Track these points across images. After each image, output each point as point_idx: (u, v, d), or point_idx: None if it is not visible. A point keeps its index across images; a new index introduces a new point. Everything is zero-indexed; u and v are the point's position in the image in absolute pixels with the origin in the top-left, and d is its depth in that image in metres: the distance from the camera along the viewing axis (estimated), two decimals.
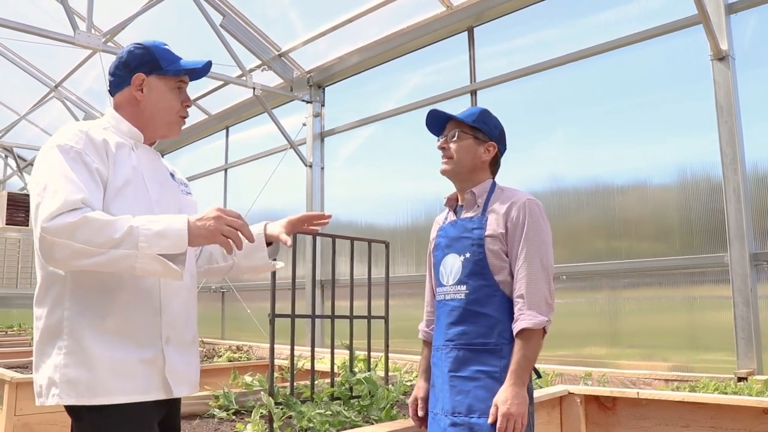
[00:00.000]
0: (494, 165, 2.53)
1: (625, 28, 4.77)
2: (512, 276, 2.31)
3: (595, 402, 3.71)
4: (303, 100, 7.36)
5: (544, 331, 2.25)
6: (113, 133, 1.94)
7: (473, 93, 5.59)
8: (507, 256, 2.33)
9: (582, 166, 4.97)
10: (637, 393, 3.52)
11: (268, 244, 2.25)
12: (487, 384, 2.25)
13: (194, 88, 8.21)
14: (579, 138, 5.03)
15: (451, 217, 2.52)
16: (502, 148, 2.53)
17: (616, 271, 4.64)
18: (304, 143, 7.42)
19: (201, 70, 2.11)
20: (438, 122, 2.53)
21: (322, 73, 7.14)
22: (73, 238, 1.64)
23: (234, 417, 3.53)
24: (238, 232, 1.75)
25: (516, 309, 2.26)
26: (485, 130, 2.46)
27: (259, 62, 7.14)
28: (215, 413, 3.57)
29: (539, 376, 2.59)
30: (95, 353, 1.76)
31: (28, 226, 11.06)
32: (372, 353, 3.51)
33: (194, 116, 8.95)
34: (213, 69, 6.38)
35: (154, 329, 1.87)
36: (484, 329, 2.30)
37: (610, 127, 4.90)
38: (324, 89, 7.38)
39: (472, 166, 2.45)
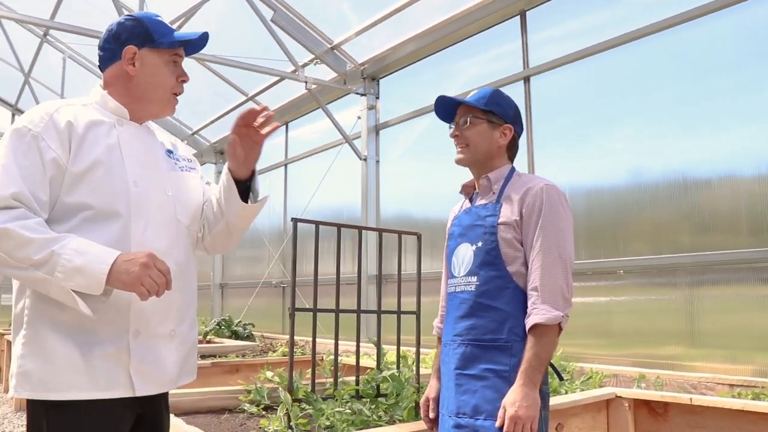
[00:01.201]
0: (512, 149, 2.34)
1: None
2: (527, 267, 2.12)
3: (645, 407, 3.44)
4: (357, 93, 7.26)
5: (559, 327, 2.04)
6: (94, 110, 1.84)
7: (526, 80, 5.33)
8: (522, 246, 2.14)
9: (661, 158, 4.46)
10: (690, 399, 3.23)
11: (241, 182, 1.98)
12: (496, 384, 2.06)
13: (252, 85, 8.28)
14: (655, 126, 4.55)
15: (467, 205, 2.35)
16: (518, 129, 2.33)
17: (700, 264, 4.17)
18: (359, 137, 7.32)
19: (196, 42, 1.97)
20: (448, 109, 2.36)
21: (375, 65, 7.01)
22: None
23: (264, 412, 3.47)
24: (161, 286, 1.64)
25: (529, 303, 2.07)
26: (499, 113, 2.27)
27: (312, 56, 7.09)
28: (245, 408, 3.52)
29: (561, 378, 2.37)
30: (51, 345, 1.67)
31: None
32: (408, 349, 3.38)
33: None
34: (266, 64, 6.43)
35: (119, 322, 1.74)
36: (494, 324, 2.11)
37: (690, 113, 4.37)
38: (378, 81, 7.26)
39: (488, 152, 2.27)
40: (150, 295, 1.62)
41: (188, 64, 6.82)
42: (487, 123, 2.26)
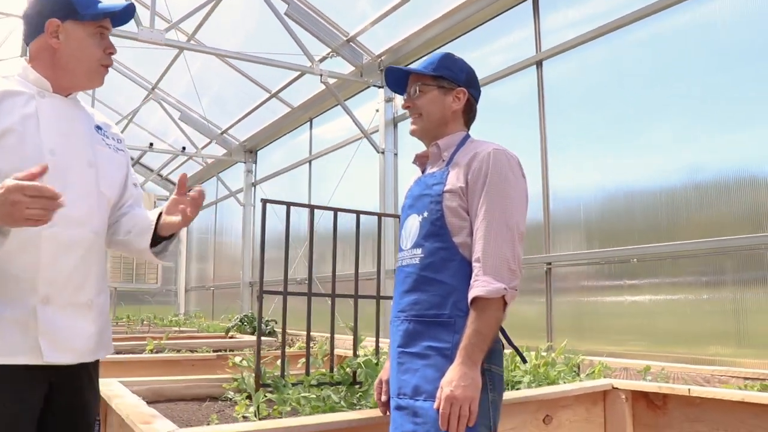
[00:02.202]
0: (468, 113, 2.20)
1: None
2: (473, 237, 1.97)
3: (643, 399, 3.22)
4: (374, 86, 7.16)
5: (504, 301, 1.89)
6: (15, 83, 1.85)
7: (539, 64, 5.13)
8: (468, 215, 1.99)
9: (718, 152, 3.92)
10: (689, 390, 3.01)
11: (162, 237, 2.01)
12: (437, 362, 1.92)
13: (275, 82, 8.25)
14: (704, 116, 4.01)
15: (419, 176, 2.22)
16: (474, 92, 2.19)
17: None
18: (378, 131, 7.22)
19: (121, 14, 1.95)
20: (399, 81, 2.24)
21: (391, 56, 6.89)
22: None
23: (248, 401, 3.39)
24: (45, 207, 1.49)
25: (473, 275, 1.92)
26: (449, 77, 2.14)
27: (328, 50, 7.02)
28: (230, 396, 3.44)
29: (524, 360, 2.21)
30: None
31: None
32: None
33: (279, 110, 9.01)
34: (283, 59, 6.38)
35: (26, 286, 1.71)
36: (437, 299, 1.97)
37: (746, 99, 3.81)
38: None
39: (441, 119, 2.15)
40: (42, 221, 1.50)
41: (213, 62, 6.81)
42: (438, 89, 2.14)
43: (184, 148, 10.44)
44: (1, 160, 1.69)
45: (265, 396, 2.70)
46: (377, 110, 7.26)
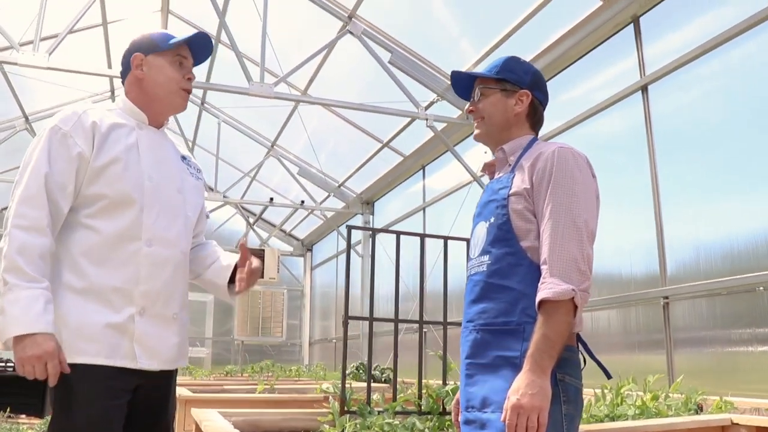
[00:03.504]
0: (533, 117, 2.13)
1: None
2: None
3: None
4: None
5: (573, 304, 1.76)
6: (116, 115, 2.10)
7: (644, 90, 4.92)
8: (535, 217, 1.91)
9: None
10: None
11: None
12: (506, 372, 1.82)
13: (385, 131, 8.42)
14: None
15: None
16: (539, 95, 2.12)
17: None
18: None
19: (194, 40, 2.18)
20: (464, 85, 2.22)
21: None
22: (13, 251, 1.80)
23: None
24: (34, 377, 1.77)
25: (541, 278, 1.82)
26: (513, 79, 2.10)
27: (434, 96, 7.09)
28: (324, 429, 3.42)
29: (608, 376, 2.04)
30: (66, 314, 1.86)
31: (263, 277, 12.05)
32: None
33: (392, 159, 9.16)
34: (390, 106, 6.53)
35: (127, 297, 1.92)
36: (505, 306, 1.88)
37: None
38: None
39: (504, 123, 2.10)
40: (27, 376, 1.78)
41: (328, 118, 7.11)
42: (501, 92, 2.10)
43: (302, 201, 10.82)
44: (106, 186, 1.94)
45: (350, 422, 2.65)
46: (486, 152, 7.18)
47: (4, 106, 9.05)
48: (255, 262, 2.17)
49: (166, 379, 2.05)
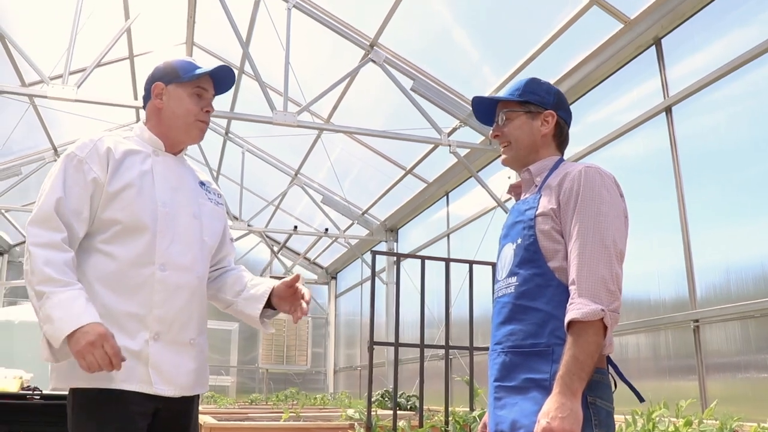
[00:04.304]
0: (559, 138, 2.12)
1: None
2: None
3: None
4: None
5: (603, 324, 1.73)
6: (132, 142, 2.12)
7: (668, 111, 4.88)
8: (562, 237, 1.89)
9: None
10: None
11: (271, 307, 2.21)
12: (536, 395, 1.79)
13: (409, 158, 8.44)
14: None
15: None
16: (563, 114, 2.11)
17: None
18: (511, 199, 7.10)
19: (216, 75, 2.19)
20: (487, 110, 2.22)
21: None
22: (36, 270, 1.83)
23: None
24: (102, 365, 1.76)
25: (569, 299, 1.79)
26: (536, 101, 2.09)
27: (456, 122, 7.12)
28: None
29: (641, 399, 2.00)
30: None
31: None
32: None
33: (415, 186, 9.17)
34: (413, 133, 6.59)
35: (141, 322, 1.92)
36: (534, 327, 1.86)
37: None
38: None
39: (531, 145, 2.09)
40: (92, 370, 1.77)
41: (351, 146, 7.21)
42: (525, 114, 2.09)
43: (326, 229, 10.84)
44: (119, 211, 1.96)
45: None
46: (509, 177, 7.18)
47: (34, 138, 9.24)
48: (305, 291, 2.15)
49: (186, 405, 2.03)
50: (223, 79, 2.20)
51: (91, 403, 1.85)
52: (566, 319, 1.75)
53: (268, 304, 2.18)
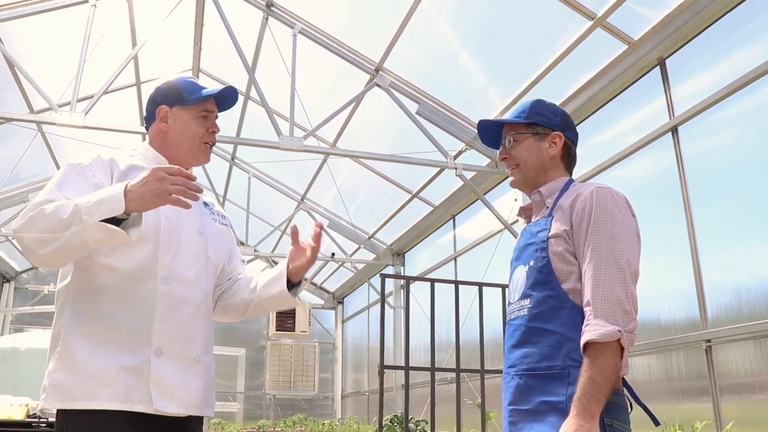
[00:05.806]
0: (567, 158, 2.12)
1: None
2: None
3: None
4: None
5: (620, 345, 1.72)
6: (137, 159, 2.09)
7: (674, 131, 4.89)
8: (576, 259, 1.88)
9: None
10: None
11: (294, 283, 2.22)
12: (552, 419, 1.76)
13: (415, 181, 8.45)
14: None
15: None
16: (570, 135, 2.12)
17: None
18: (518, 221, 7.10)
19: (221, 96, 2.18)
20: (492, 133, 2.22)
21: None
22: (34, 228, 1.73)
23: None
24: (185, 185, 1.72)
25: (585, 320, 1.78)
26: (543, 122, 2.09)
27: (462, 145, 7.14)
28: None
29: (656, 422, 1.98)
30: (79, 358, 1.80)
31: (294, 331, 12.01)
32: None
33: (421, 209, 9.17)
34: (419, 156, 6.60)
35: (142, 337, 1.85)
36: (548, 350, 1.84)
37: None
38: None
39: (540, 167, 2.09)
40: (183, 199, 1.72)
41: (357, 171, 7.24)
42: (533, 136, 2.09)
43: (333, 254, 10.83)
44: None
45: None
46: (516, 199, 7.18)
47: (42, 165, 9.29)
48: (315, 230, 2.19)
49: (188, 427, 1.95)
50: (226, 97, 2.19)
51: (90, 426, 1.76)
52: (582, 341, 1.73)
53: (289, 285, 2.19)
